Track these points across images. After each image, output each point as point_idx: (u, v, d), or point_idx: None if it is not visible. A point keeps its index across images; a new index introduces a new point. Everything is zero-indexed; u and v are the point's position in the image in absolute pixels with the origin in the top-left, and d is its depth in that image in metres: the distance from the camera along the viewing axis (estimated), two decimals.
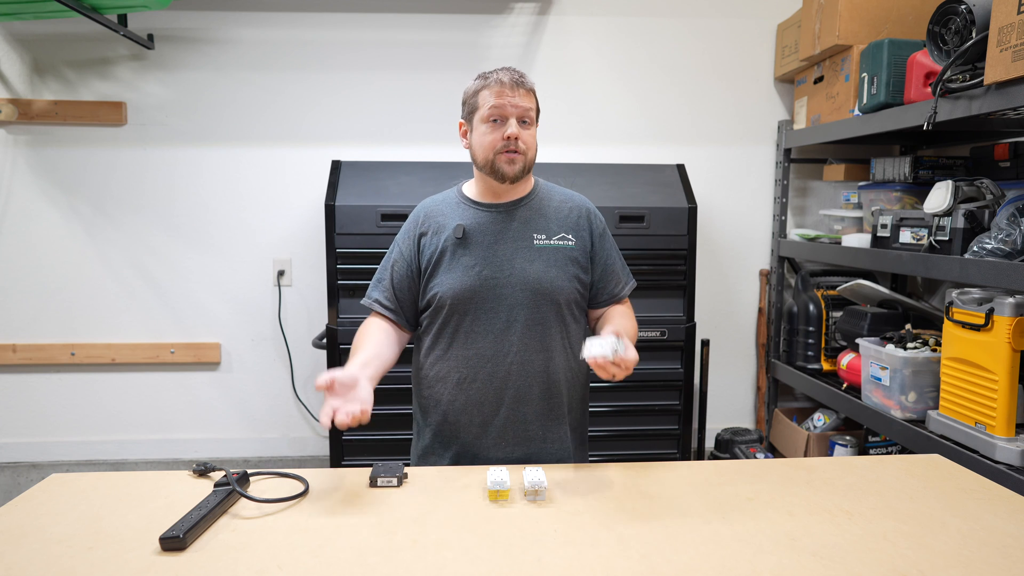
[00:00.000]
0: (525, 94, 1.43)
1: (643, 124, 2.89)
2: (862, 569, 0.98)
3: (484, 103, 1.43)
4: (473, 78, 1.48)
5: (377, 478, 1.27)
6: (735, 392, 3.06)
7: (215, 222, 2.83)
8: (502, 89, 1.41)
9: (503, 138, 1.41)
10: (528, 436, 1.47)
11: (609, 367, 1.23)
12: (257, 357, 2.90)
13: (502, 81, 1.42)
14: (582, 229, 1.51)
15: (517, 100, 1.41)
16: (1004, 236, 1.72)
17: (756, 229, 2.97)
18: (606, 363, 1.23)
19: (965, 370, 1.82)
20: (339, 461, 2.45)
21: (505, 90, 1.41)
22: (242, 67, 2.77)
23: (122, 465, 2.89)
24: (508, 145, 1.41)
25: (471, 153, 1.48)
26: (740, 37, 2.87)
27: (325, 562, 1.00)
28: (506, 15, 2.81)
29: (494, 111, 1.41)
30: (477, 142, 1.45)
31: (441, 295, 1.44)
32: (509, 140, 1.41)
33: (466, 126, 1.49)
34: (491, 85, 1.42)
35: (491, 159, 1.43)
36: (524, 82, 1.44)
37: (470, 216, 1.48)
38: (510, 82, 1.42)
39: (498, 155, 1.42)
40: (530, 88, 1.45)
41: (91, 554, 1.02)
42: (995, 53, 1.62)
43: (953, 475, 1.34)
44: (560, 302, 1.45)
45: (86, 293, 2.82)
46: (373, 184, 2.47)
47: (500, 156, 1.42)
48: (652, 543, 1.05)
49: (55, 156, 2.76)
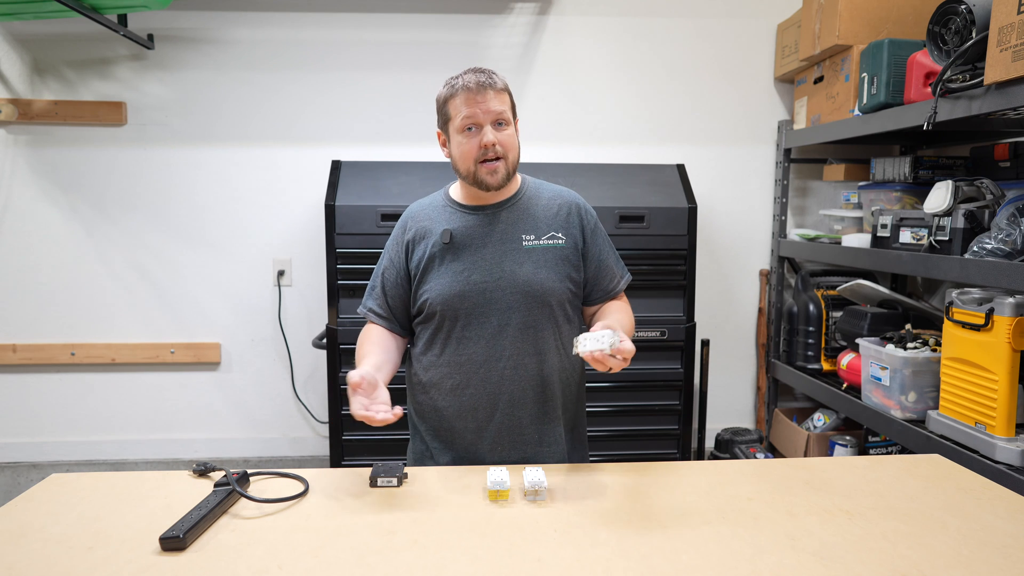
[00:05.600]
0: (495, 95, 1.37)
1: (643, 124, 2.89)
2: (862, 569, 0.98)
3: (456, 112, 1.38)
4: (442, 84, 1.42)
5: (377, 478, 1.27)
6: (735, 392, 3.06)
7: (215, 222, 2.83)
8: (470, 95, 1.35)
9: (480, 146, 1.37)
10: (523, 439, 1.46)
11: (607, 360, 1.21)
12: (257, 357, 2.90)
13: (468, 87, 1.36)
14: (572, 226, 1.48)
15: (488, 104, 1.36)
16: (1004, 236, 1.72)
17: (756, 229, 2.97)
18: (604, 357, 1.21)
19: (965, 370, 1.82)
20: (339, 461, 2.45)
21: (474, 96, 1.35)
22: (242, 67, 2.77)
23: (122, 465, 2.89)
24: (486, 154, 1.37)
25: (452, 163, 1.44)
26: (740, 37, 2.87)
27: (325, 562, 1.00)
28: (506, 15, 2.81)
29: (467, 120, 1.36)
30: (456, 153, 1.41)
31: (431, 301, 1.43)
32: (487, 148, 1.37)
33: (444, 135, 1.45)
34: (459, 92, 1.37)
35: (472, 170, 1.39)
36: (493, 83, 1.37)
37: (457, 220, 1.46)
38: (476, 86, 1.35)
39: (479, 165, 1.39)
40: (500, 88, 1.38)
41: (91, 554, 1.02)
42: (995, 53, 1.62)
43: (953, 475, 1.34)
44: (552, 303, 1.44)
45: (86, 293, 2.82)
46: (373, 184, 2.47)
47: (481, 167, 1.38)
48: (652, 543, 1.05)
49: (55, 156, 2.76)
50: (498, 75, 1.40)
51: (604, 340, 1.20)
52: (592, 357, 1.22)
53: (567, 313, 1.48)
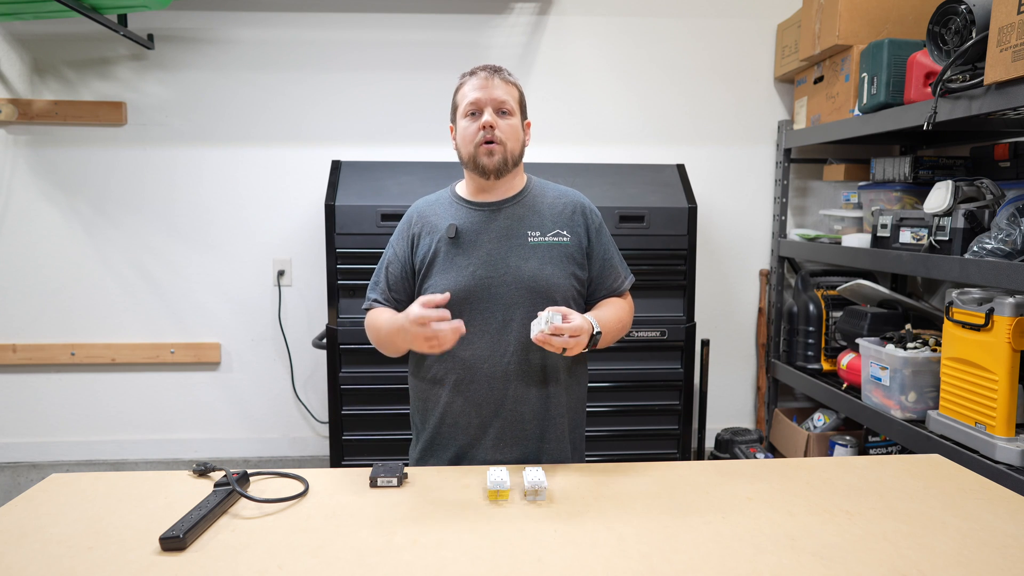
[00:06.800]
0: (502, 84, 1.43)
1: (643, 124, 2.89)
2: (862, 569, 0.98)
3: (463, 99, 1.44)
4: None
5: (377, 478, 1.27)
6: (735, 392, 3.06)
7: (215, 222, 2.83)
8: (478, 82, 1.42)
9: (479, 128, 1.41)
10: (526, 436, 1.46)
11: (551, 340, 1.28)
12: (257, 357, 2.90)
13: (476, 76, 1.43)
14: (577, 225, 1.50)
15: (493, 91, 1.42)
16: (1004, 236, 1.72)
17: (756, 229, 2.97)
18: (546, 338, 1.27)
19: (965, 370, 1.82)
20: (339, 461, 2.45)
21: (481, 82, 1.42)
22: (242, 67, 2.77)
23: (122, 465, 2.89)
24: (485, 136, 1.41)
25: (458, 153, 1.48)
26: (740, 37, 2.87)
27: (325, 562, 1.00)
28: (506, 15, 2.81)
29: (471, 105, 1.42)
30: (459, 138, 1.46)
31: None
32: (485, 129, 1.40)
33: (454, 128, 1.50)
34: (467, 82, 1.44)
35: (472, 152, 1.43)
36: (501, 73, 1.45)
37: (463, 215, 1.48)
38: (485, 74, 1.43)
39: (477, 147, 1.42)
40: (510, 81, 1.45)
41: (91, 554, 1.02)
42: (995, 53, 1.62)
43: (953, 475, 1.34)
44: (557, 300, 1.44)
45: (86, 293, 2.82)
46: (373, 184, 2.47)
47: (479, 148, 1.42)
48: (652, 543, 1.05)
49: (55, 156, 2.76)
50: (511, 74, 1.47)
51: (541, 322, 1.28)
52: (538, 340, 1.29)
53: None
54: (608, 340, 1.45)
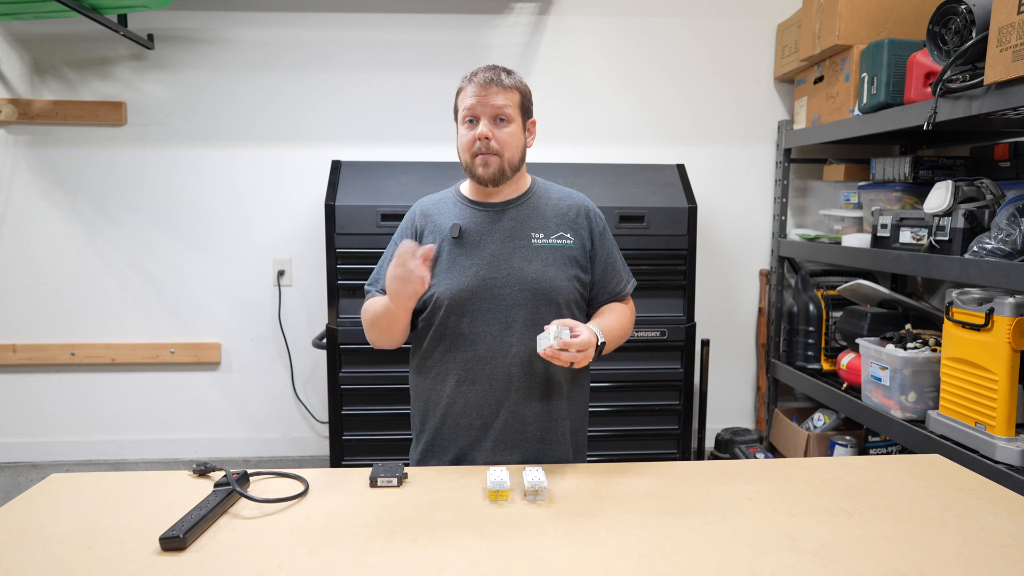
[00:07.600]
0: (500, 91, 1.40)
1: (643, 124, 2.89)
2: (862, 569, 0.98)
3: (462, 105, 1.42)
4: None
5: (377, 478, 1.27)
6: (735, 392, 3.06)
7: (215, 222, 2.83)
8: (475, 89, 1.40)
9: (474, 139, 1.40)
10: (527, 439, 1.45)
11: (560, 355, 1.27)
12: (257, 357, 2.90)
13: (476, 82, 1.40)
14: (581, 228, 1.49)
15: (491, 99, 1.39)
16: (1004, 236, 1.72)
17: (756, 229, 2.97)
18: (554, 352, 1.27)
19: (965, 370, 1.82)
20: (339, 461, 2.45)
21: (478, 89, 1.39)
22: (242, 67, 2.77)
23: (122, 465, 2.89)
24: (480, 147, 1.40)
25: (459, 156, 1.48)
26: (740, 37, 2.87)
27: (325, 562, 1.00)
28: (506, 15, 2.81)
29: (468, 112, 1.41)
30: (458, 144, 1.45)
31: (438, 296, 1.43)
32: (480, 141, 1.39)
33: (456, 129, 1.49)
34: (467, 86, 1.42)
35: (469, 162, 1.43)
36: (500, 80, 1.40)
37: (467, 215, 1.47)
38: (483, 81, 1.40)
39: (473, 158, 1.41)
40: (509, 85, 1.41)
41: (91, 554, 1.02)
42: (995, 53, 1.62)
43: (953, 475, 1.34)
44: (559, 302, 1.44)
45: (86, 293, 2.82)
46: (373, 184, 2.47)
47: (475, 159, 1.41)
48: (652, 543, 1.05)
49: (55, 156, 2.76)
50: (514, 75, 1.44)
51: (550, 336, 1.27)
52: (546, 355, 1.28)
53: (574, 313, 1.48)
54: (610, 348, 1.45)
